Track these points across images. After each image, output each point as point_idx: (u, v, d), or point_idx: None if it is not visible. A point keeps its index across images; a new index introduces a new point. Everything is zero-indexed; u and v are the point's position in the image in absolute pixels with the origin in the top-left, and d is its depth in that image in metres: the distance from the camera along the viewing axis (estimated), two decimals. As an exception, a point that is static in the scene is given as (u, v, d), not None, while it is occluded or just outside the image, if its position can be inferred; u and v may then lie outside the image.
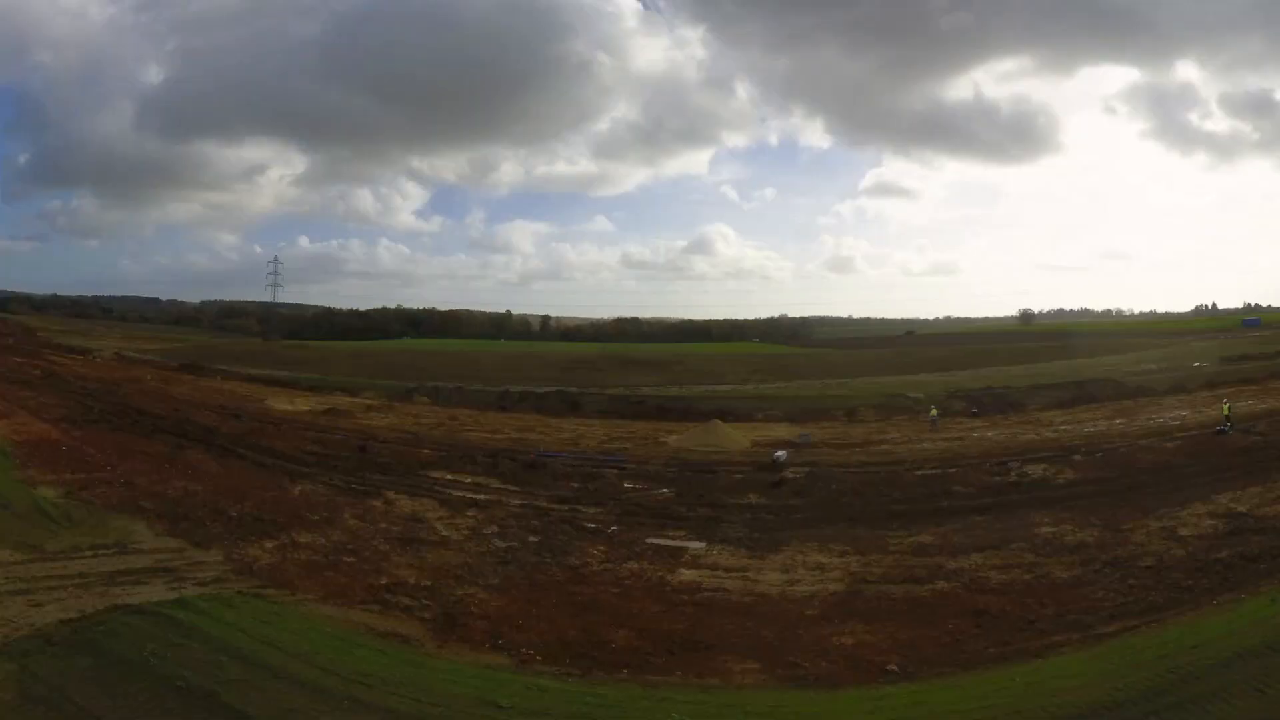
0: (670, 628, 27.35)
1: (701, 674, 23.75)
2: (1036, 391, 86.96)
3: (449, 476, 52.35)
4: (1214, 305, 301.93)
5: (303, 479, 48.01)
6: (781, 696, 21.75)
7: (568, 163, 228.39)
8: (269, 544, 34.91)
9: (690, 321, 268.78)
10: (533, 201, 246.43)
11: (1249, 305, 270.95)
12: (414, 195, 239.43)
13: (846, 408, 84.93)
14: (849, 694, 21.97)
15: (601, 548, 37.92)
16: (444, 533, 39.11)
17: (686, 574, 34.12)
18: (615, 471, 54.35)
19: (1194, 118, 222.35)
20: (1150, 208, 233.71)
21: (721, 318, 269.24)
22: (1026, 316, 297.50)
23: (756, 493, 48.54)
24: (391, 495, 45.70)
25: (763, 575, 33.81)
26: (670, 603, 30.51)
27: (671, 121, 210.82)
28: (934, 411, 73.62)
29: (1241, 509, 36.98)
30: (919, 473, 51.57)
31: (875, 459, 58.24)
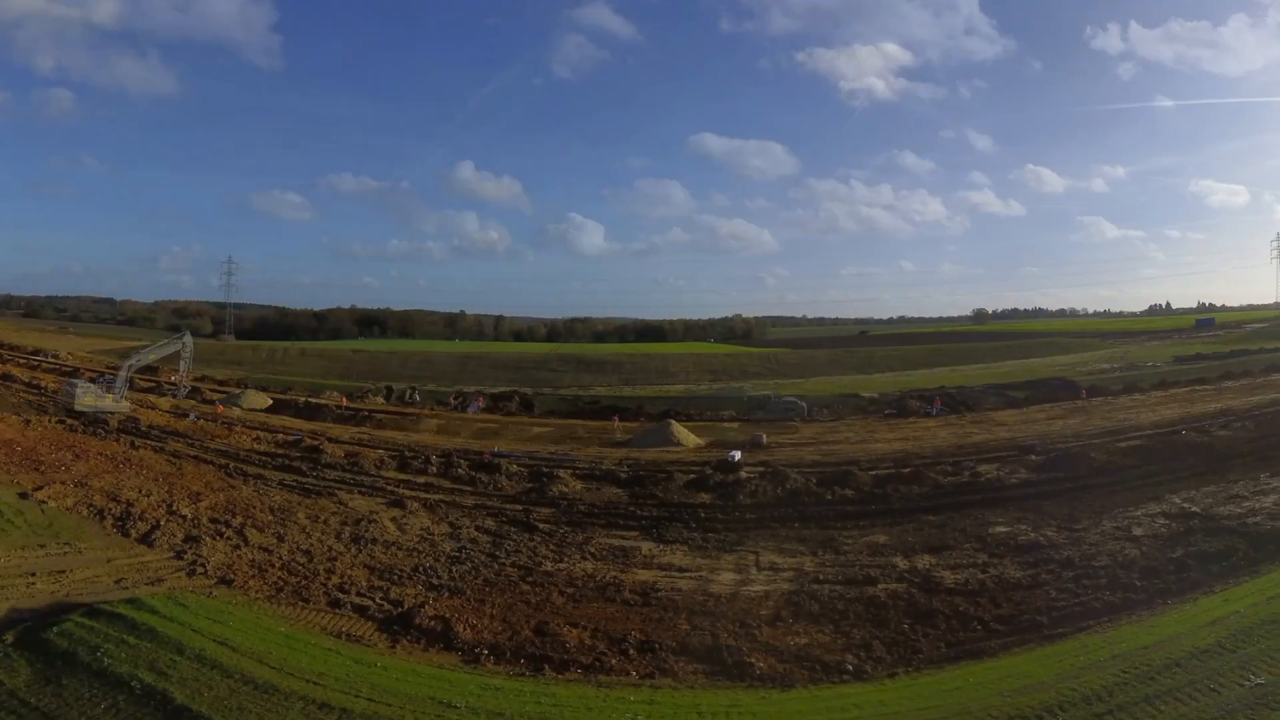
0: (624, 628, 27.33)
1: (654, 674, 23.86)
2: (990, 391, 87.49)
3: (402, 476, 52.21)
4: (1168, 305, 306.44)
5: (256, 479, 47.74)
6: (735, 696, 21.75)
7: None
8: (221, 543, 34.77)
9: (644, 321, 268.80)
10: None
11: (1202, 305, 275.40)
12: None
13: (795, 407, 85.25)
14: (802, 693, 22.02)
15: (554, 548, 37.87)
16: (396, 533, 38.99)
17: (641, 574, 34.12)
18: (569, 471, 54.30)
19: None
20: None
21: (676, 318, 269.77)
22: (980, 316, 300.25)
23: (710, 493, 48.57)
24: (344, 495, 45.53)
25: (716, 575, 33.86)
26: (624, 603, 30.45)
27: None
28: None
29: (1195, 509, 37.33)
30: (872, 473, 51.41)
31: (829, 458, 58.28)
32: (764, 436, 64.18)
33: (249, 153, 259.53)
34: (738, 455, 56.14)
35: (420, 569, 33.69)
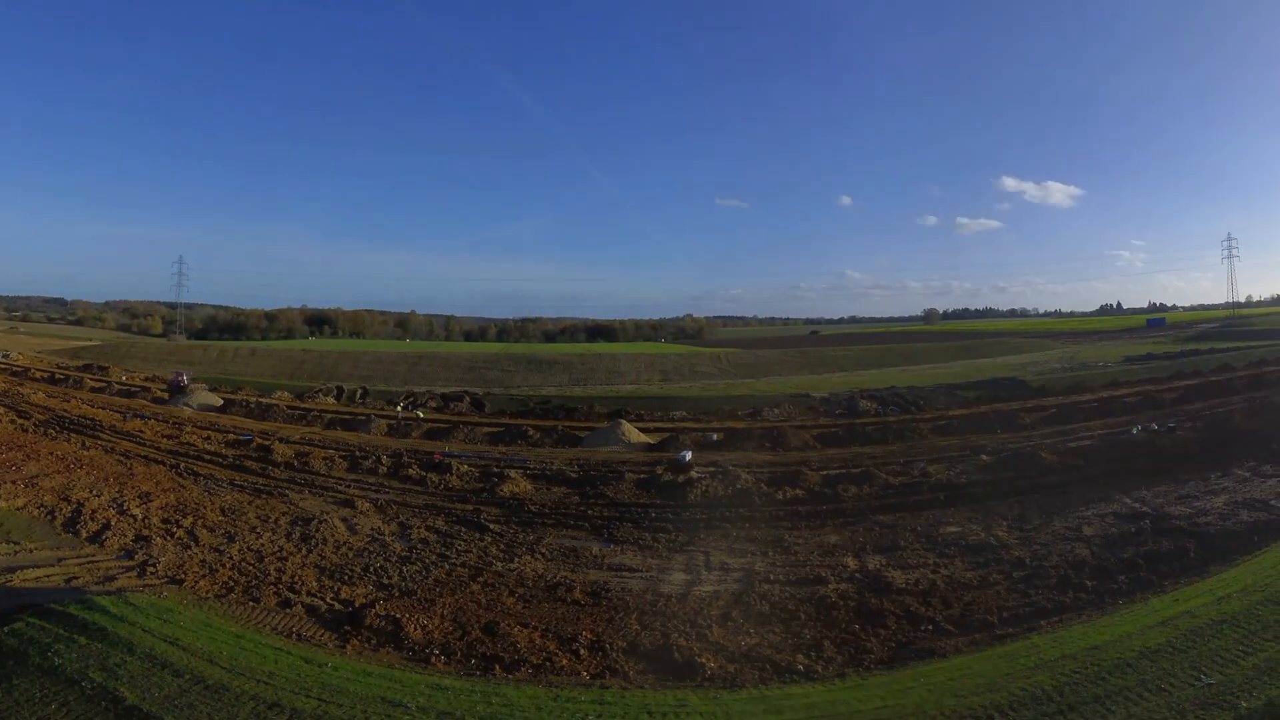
0: (574, 628, 27.49)
1: (604, 674, 23.99)
2: (940, 391, 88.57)
3: (352, 476, 52.17)
4: (1118, 305, 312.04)
5: (206, 479, 47.56)
6: (684, 695, 21.89)
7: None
8: (171, 543, 34.65)
9: (596, 321, 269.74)
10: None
11: (1153, 305, 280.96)
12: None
13: (750, 407, 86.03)
14: (752, 693, 22.18)
15: (504, 548, 37.93)
16: (346, 533, 38.95)
17: (591, 574, 34.28)
18: (519, 472, 54.51)
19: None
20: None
21: (627, 318, 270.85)
22: (931, 316, 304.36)
23: (660, 493, 48.84)
24: (294, 495, 45.48)
25: (666, 575, 34.10)
26: (574, 603, 30.58)
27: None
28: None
29: (1146, 509, 37.79)
30: (823, 473, 51.72)
31: (779, 459, 58.86)
32: (715, 436, 64.05)
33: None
34: (688, 455, 56.48)
35: (370, 569, 33.70)
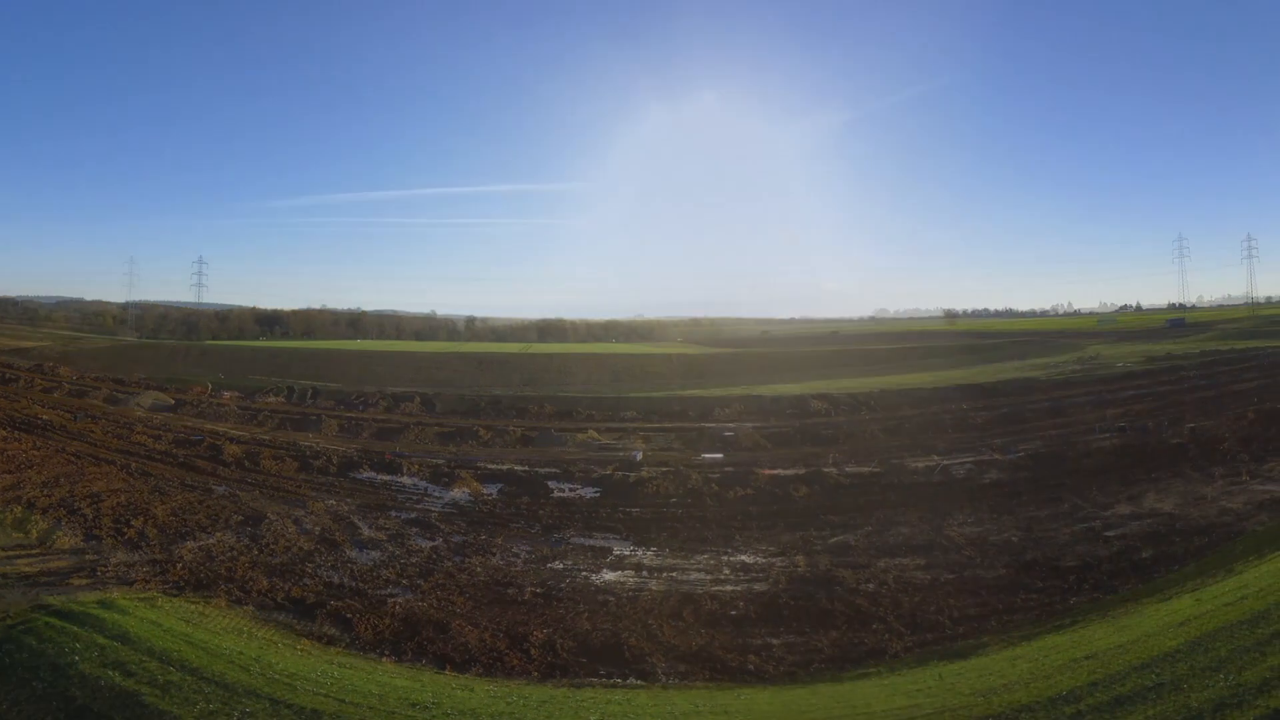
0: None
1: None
2: (961, 392, 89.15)
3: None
4: (1138, 305, 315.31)
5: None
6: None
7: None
8: (192, 545, 34.79)
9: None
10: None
11: (1173, 305, 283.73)
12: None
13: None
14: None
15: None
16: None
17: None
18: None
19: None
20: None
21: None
22: (951, 316, 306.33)
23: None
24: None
25: (688, 575, 34.21)
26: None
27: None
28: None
29: (1166, 509, 38.11)
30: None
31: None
32: (639, 454, 62.81)
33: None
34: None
35: (390, 570, 33.92)
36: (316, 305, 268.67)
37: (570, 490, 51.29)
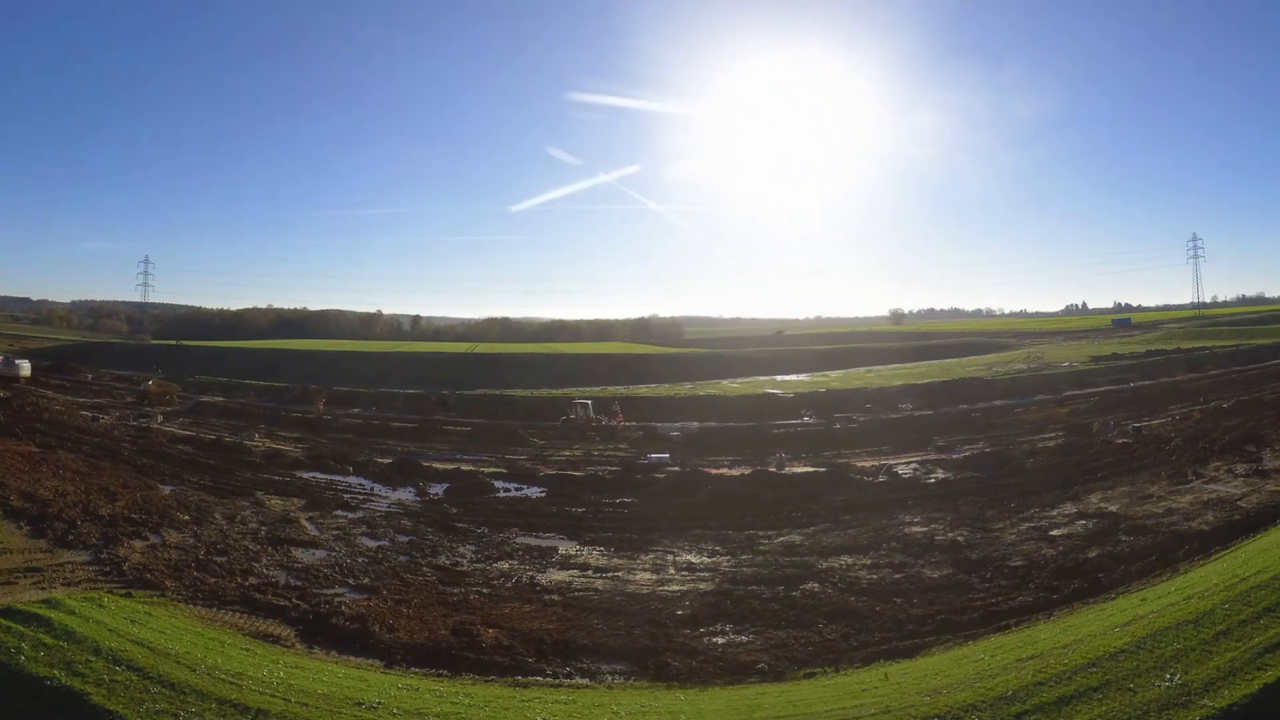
0: (541, 628, 27.70)
1: (571, 674, 24.49)
2: (907, 392, 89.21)
3: (320, 477, 52.62)
4: (1084, 305, 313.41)
5: (173, 479, 47.59)
6: (651, 695, 22.06)
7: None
8: (139, 544, 34.48)
9: (559, 321, 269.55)
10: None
11: (1119, 305, 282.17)
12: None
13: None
14: (718, 693, 22.35)
15: (472, 548, 38.39)
16: (313, 533, 39.29)
17: (558, 574, 34.72)
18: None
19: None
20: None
21: (592, 318, 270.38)
22: (897, 317, 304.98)
23: (629, 493, 49.77)
24: (261, 495, 45.62)
25: (634, 575, 34.58)
26: (541, 603, 30.90)
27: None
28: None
29: (1112, 509, 38.32)
30: (789, 472, 52.95)
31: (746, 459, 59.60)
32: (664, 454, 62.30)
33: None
34: (655, 456, 57.31)
35: (337, 569, 33.93)
36: (263, 304, 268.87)
37: (516, 489, 51.64)
